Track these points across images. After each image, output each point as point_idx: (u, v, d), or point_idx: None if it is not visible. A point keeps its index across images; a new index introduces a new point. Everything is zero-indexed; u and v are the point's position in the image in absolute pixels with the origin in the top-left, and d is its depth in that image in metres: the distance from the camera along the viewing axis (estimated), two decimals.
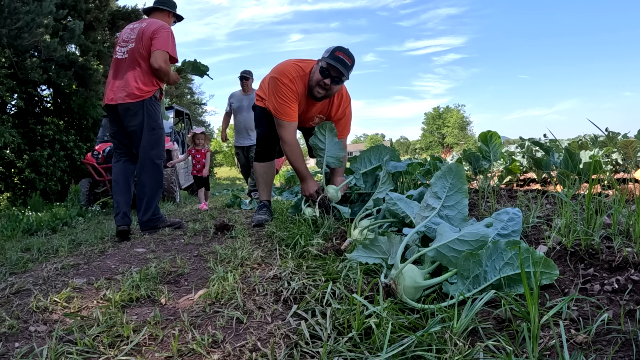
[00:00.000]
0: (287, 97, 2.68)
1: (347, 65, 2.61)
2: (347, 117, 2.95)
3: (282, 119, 2.72)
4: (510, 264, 1.16)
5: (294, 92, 2.69)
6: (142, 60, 2.94)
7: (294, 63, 2.77)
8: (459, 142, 56.13)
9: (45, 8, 7.85)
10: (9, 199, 9.04)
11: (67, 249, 2.64)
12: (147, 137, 2.98)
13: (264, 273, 1.63)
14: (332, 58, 2.59)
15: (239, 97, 5.87)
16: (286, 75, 2.69)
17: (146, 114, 2.96)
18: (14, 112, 9.62)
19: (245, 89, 5.81)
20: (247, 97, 5.78)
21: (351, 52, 2.67)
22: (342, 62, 2.58)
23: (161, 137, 3.06)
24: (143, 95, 2.93)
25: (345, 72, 2.61)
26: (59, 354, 1.07)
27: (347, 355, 0.93)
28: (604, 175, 2.95)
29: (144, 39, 2.91)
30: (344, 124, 2.95)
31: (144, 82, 2.94)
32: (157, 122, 3.02)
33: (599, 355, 0.85)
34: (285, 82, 2.67)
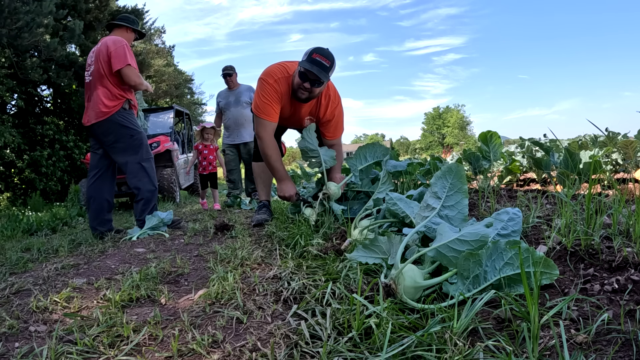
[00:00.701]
0: (270, 96, 2.72)
1: (324, 67, 2.56)
2: (337, 118, 2.92)
3: (263, 118, 2.76)
4: (510, 264, 1.16)
5: (277, 93, 2.72)
6: (103, 79, 3.05)
7: (280, 64, 2.79)
8: (459, 142, 56.13)
9: (45, 8, 7.85)
10: (9, 199, 9.04)
11: (67, 249, 2.64)
12: (128, 144, 3.08)
13: (264, 273, 1.63)
14: (309, 61, 2.56)
15: (225, 95, 5.62)
16: (271, 75, 2.73)
17: (118, 126, 3.06)
18: (14, 112, 9.62)
19: (230, 85, 5.56)
20: (233, 93, 5.55)
21: (329, 51, 2.62)
22: (319, 65, 2.54)
23: (141, 140, 3.12)
24: (110, 110, 3.04)
25: (324, 74, 2.56)
26: (59, 354, 1.07)
27: (347, 355, 0.93)
28: (604, 175, 2.95)
29: (101, 57, 3.03)
30: (334, 125, 2.93)
31: (109, 98, 3.04)
32: (132, 129, 3.10)
33: (599, 355, 0.85)
34: (270, 82, 2.71)
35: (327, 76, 2.60)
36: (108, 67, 3.01)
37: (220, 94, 5.69)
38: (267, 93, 2.72)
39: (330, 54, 2.61)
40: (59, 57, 8.96)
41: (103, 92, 3.03)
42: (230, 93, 5.55)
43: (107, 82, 3.03)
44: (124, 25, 3.23)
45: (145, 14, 13.43)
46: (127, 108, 3.11)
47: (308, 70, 2.55)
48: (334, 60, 2.62)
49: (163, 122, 7.76)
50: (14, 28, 7.46)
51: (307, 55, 2.58)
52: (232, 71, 5.52)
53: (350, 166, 2.84)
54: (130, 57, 3.04)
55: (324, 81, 2.62)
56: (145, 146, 3.15)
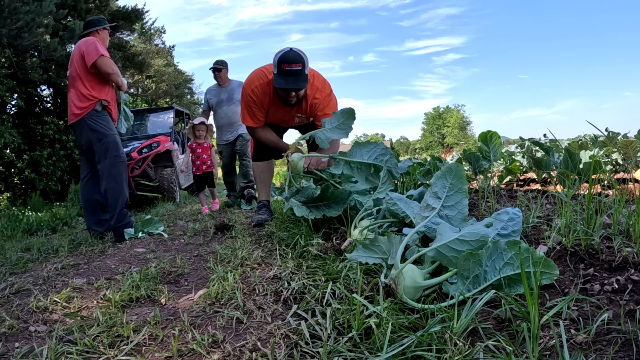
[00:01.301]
0: (250, 106, 2.80)
1: (297, 73, 2.49)
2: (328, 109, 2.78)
3: (250, 125, 2.91)
4: (510, 264, 1.16)
5: (255, 102, 2.78)
6: (75, 81, 3.07)
7: (260, 70, 2.80)
8: (459, 142, 56.11)
9: (45, 8, 7.85)
10: (9, 199, 9.04)
11: (67, 249, 2.64)
12: (97, 148, 3.07)
13: (264, 273, 1.63)
14: (280, 75, 2.50)
15: (216, 92, 5.18)
16: (249, 85, 2.78)
17: (88, 129, 3.05)
18: (14, 112, 9.62)
19: (219, 81, 5.13)
20: (224, 90, 5.14)
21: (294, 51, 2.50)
22: (291, 74, 2.48)
23: (108, 145, 3.05)
24: (81, 112, 3.04)
25: (300, 82, 2.51)
26: (59, 354, 1.07)
27: (347, 355, 0.93)
28: (604, 175, 2.95)
29: (74, 60, 3.06)
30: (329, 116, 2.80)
31: (80, 99, 3.04)
32: (100, 132, 3.05)
33: (599, 355, 0.85)
34: (248, 92, 2.77)
35: (304, 80, 2.55)
36: (81, 66, 3.02)
37: (210, 90, 5.25)
38: (246, 103, 2.82)
39: (297, 54, 2.50)
40: (59, 57, 8.95)
41: (74, 94, 3.05)
42: (222, 90, 5.16)
43: (79, 83, 3.04)
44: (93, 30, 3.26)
45: (145, 14, 13.42)
46: (99, 110, 3.07)
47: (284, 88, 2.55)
48: (303, 57, 2.52)
49: (163, 122, 7.76)
50: (14, 28, 7.46)
51: (276, 66, 2.51)
52: (222, 66, 5.08)
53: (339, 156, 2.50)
54: (102, 49, 3.03)
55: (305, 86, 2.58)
56: (113, 150, 3.07)
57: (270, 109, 2.83)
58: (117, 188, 3.07)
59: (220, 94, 5.16)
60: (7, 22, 7.34)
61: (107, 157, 3.05)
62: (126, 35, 14.46)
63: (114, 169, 3.06)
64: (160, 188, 6.47)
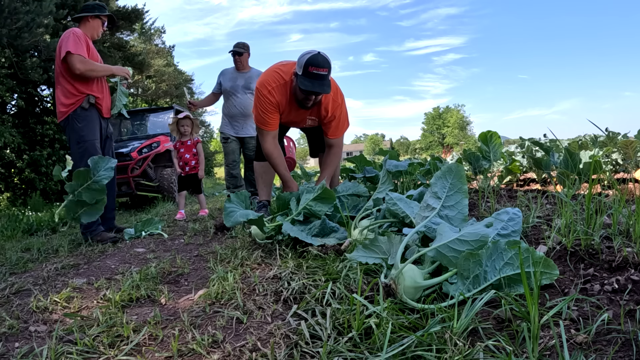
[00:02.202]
0: (266, 108, 2.73)
1: (323, 77, 2.51)
2: (339, 118, 2.88)
3: (262, 128, 2.79)
4: (510, 264, 1.16)
5: (273, 104, 2.72)
6: (59, 77, 2.93)
7: (274, 70, 2.76)
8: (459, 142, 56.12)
9: (45, 8, 7.85)
10: (9, 199, 9.04)
11: (67, 249, 2.64)
12: (73, 151, 2.94)
13: (264, 273, 1.63)
14: (306, 77, 2.49)
15: (232, 76, 4.53)
16: (265, 86, 2.71)
17: (70, 129, 2.92)
18: (14, 112, 9.62)
19: (239, 66, 4.53)
20: (242, 76, 4.51)
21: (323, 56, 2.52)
22: (317, 78, 2.49)
23: (86, 150, 2.90)
24: (67, 110, 2.91)
25: (325, 87, 2.53)
26: (59, 354, 1.07)
27: (347, 355, 0.93)
28: (604, 175, 2.95)
29: (57, 55, 2.90)
30: (336, 124, 2.89)
31: (65, 95, 2.90)
32: (81, 135, 2.90)
33: (599, 355, 0.85)
34: (264, 94, 2.70)
35: (329, 86, 2.57)
36: (59, 61, 2.87)
37: (226, 73, 4.60)
38: (262, 105, 2.72)
39: (325, 59, 2.53)
40: None
41: (60, 90, 2.91)
42: (239, 75, 4.53)
43: (62, 79, 2.90)
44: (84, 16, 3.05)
45: (145, 14, 13.42)
46: (86, 107, 2.91)
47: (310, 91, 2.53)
48: (330, 63, 2.57)
49: (163, 122, 7.76)
50: (14, 28, 7.46)
51: (303, 68, 2.50)
52: (243, 50, 4.51)
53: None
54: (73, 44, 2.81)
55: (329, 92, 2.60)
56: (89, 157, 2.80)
57: (285, 111, 2.80)
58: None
59: (237, 79, 4.53)
60: (7, 22, 7.34)
61: (82, 163, 2.87)
62: (126, 35, 14.45)
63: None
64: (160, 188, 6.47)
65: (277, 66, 2.80)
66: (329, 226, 2.14)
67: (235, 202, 2.25)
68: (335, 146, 2.96)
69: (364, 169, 3.64)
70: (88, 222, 2.83)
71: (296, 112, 2.83)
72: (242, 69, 4.55)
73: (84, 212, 2.79)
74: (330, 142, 2.94)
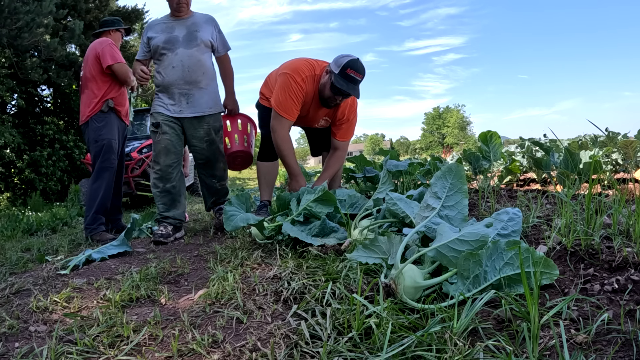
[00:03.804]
0: (295, 95, 2.63)
1: (357, 82, 2.55)
2: (351, 122, 2.91)
3: (282, 115, 2.64)
4: (510, 264, 1.16)
5: (303, 92, 2.65)
6: (88, 82, 3.06)
7: (306, 61, 2.73)
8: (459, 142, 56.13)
9: (45, 8, 7.85)
10: (9, 199, 9.04)
11: (67, 249, 2.64)
12: (92, 149, 3.06)
13: (264, 273, 1.63)
14: (343, 77, 2.50)
15: (164, 27, 2.94)
16: (299, 73, 2.64)
17: (90, 130, 3.04)
18: (14, 112, 9.62)
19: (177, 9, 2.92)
20: (182, 24, 2.94)
21: (361, 62, 2.58)
22: (353, 81, 2.52)
23: (104, 147, 3.00)
24: (90, 114, 3.03)
25: (356, 92, 2.56)
26: (59, 354, 1.07)
27: (347, 355, 0.93)
28: (604, 175, 2.95)
29: (89, 62, 3.06)
30: (347, 127, 2.90)
31: (90, 101, 3.04)
32: (100, 134, 3.02)
33: (599, 355, 0.85)
34: (298, 80, 2.62)
35: (359, 92, 2.59)
36: (96, 68, 3.03)
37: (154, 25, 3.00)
38: (292, 91, 2.62)
39: (363, 66, 2.57)
40: (59, 57, 8.95)
41: (87, 97, 3.06)
42: (177, 24, 2.93)
43: (93, 85, 3.04)
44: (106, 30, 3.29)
45: (145, 14, 13.41)
46: (105, 110, 3.05)
47: (343, 91, 2.53)
48: (365, 71, 2.60)
49: None
50: (14, 28, 7.46)
51: (340, 68, 2.50)
52: None
53: None
54: (118, 55, 3.04)
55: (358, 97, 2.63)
56: (106, 154, 3.01)
57: (307, 104, 2.76)
58: (97, 191, 3.01)
59: (174, 29, 2.92)
60: (7, 22, 7.34)
61: (99, 159, 3.01)
62: (126, 36, 14.46)
63: (100, 173, 3.02)
64: None
65: (304, 59, 2.78)
66: (329, 226, 2.14)
67: (236, 204, 2.24)
68: (340, 149, 2.95)
69: (364, 169, 3.65)
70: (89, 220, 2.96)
71: (315, 109, 2.80)
72: (183, 14, 2.95)
73: None
74: (338, 144, 2.92)
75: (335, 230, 2.13)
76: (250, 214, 2.20)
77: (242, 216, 2.12)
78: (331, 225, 2.14)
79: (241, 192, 2.63)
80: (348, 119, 2.87)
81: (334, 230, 2.13)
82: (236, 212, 2.17)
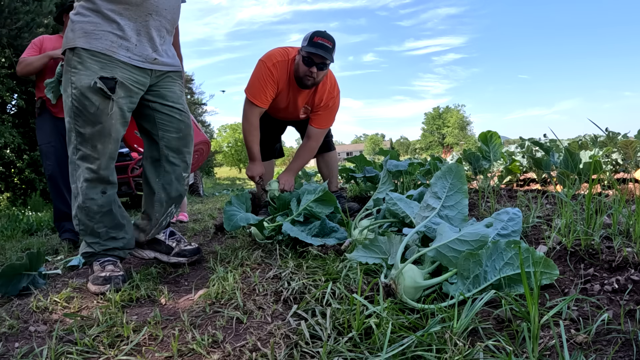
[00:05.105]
0: (264, 81, 2.66)
1: (328, 49, 2.56)
2: (330, 109, 2.85)
3: (251, 100, 2.69)
4: (510, 264, 1.16)
5: (274, 78, 2.67)
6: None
7: (282, 48, 2.77)
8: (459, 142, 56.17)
9: (45, 8, 7.85)
10: (9, 199, 9.04)
11: (67, 249, 2.64)
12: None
13: (264, 273, 1.63)
14: (311, 45, 2.54)
15: None
16: (270, 59, 2.68)
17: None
18: (14, 112, 9.62)
19: None
20: None
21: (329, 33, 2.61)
22: (322, 47, 2.54)
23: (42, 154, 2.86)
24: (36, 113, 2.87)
25: (328, 55, 2.56)
26: (59, 354, 1.07)
27: (347, 355, 0.93)
28: (604, 175, 2.95)
29: None
30: (325, 115, 2.85)
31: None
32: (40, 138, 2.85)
33: (599, 355, 0.85)
34: (269, 66, 2.66)
35: (332, 57, 2.60)
36: None
37: None
38: (262, 77, 2.66)
39: (331, 35, 2.61)
40: None
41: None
42: None
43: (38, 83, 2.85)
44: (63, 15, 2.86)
45: None
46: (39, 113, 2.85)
47: (313, 54, 2.53)
48: (335, 42, 2.62)
49: None
50: (14, 28, 7.46)
51: (308, 40, 2.56)
52: None
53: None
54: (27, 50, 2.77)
55: (329, 63, 2.62)
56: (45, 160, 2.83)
57: (283, 91, 2.76)
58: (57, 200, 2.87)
59: None
60: (7, 22, 7.35)
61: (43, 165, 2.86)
62: None
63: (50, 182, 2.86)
64: None
65: (282, 47, 2.80)
66: (329, 226, 2.14)
67: (236, 204, 2.24)
68: (313, 139, 2.87)
69: (364, 169, 3.65)
70: None
71: (294, 95, 2.79)
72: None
73: None
74: (311, 132, 2.85)
75: (335, 230, 2.13)
76: (250, 214, 2.20)
77: (242, 216, 2.12)
78: (331, 225, 2.14)
79: (241, 192, 2.61)
80: (327, 105, 2.83)
81: (334, 230, 2.13)
82: (236, 212, 2.17)
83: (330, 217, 2.36)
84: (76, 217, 1.73)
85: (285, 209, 2.47)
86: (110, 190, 1.73)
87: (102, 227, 1.72)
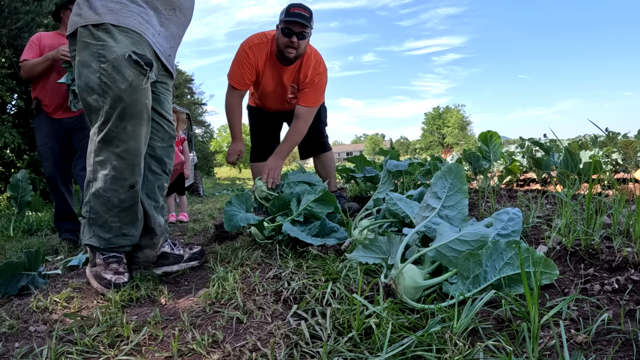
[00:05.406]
0: (241, 64, 2.70)
1: (305, 17, 2.58)
2: (316, 86, 2.80)
3: (231, 83, 2.77)
4: (510, 264, 1.16)
5: (251, 60, 2.70)
6: None
7: (260, 33, 2.79)
8: (459, 142, 56.19)
9: (45, 8, 7.85)
10: (9, 199, 9.03)
11: (67, 249, 2.64)
12: None
13: (264, 273, 1.63)
14: (288, 16, 2.57)
15: None
16: (248, 43, 2.72)
17: None
18: (14, 112, 9.62)
19: None
20: None
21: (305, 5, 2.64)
22: (300, 16, 2.56)
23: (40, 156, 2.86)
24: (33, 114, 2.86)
25: (307, 22, 2.58)
26: (59, 354, 1.07)
27: (347, 355, 0.93)
28: (604, 175, 2.95)
29: None
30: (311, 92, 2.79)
31: None
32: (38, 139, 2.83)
33: (599, 355, 0.85)
34: (245, 49, 2.70)
35: (309, 24, 2.60)
36: None
37: None
38: (239, 61, 2.71)
39: (306, 6, 2.62)
40: None
41: None
42: None
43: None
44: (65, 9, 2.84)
45: None
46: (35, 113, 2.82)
47: (291, 23, 2.54)
48: (311, 11, 2.64)
49: None
50: (14, 28, 7.46)
51: (285, 12, 2.59)
52: None
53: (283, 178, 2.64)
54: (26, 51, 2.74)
55: (309, 29, 2.61)
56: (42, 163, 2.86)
57: (267, 73, 2.76)
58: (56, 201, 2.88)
59: None
60: (7, 22, 7.35)
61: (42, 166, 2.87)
62: None
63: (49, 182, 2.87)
64: None
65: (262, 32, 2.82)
66: (329, 226, 2.14)
67: (236, 204, 2.24)
68: (301, 119, 2.77)
69: (364, 169, 3.65)
70: None
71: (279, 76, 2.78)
72: None
73: None
74: (299, 111, 2.77)
75: (335, 230, 2.13)
76: (250, 214, 2.20)
77: (242, 216, 2.12)
78: (331, 225, 2.14)
79: (241, 192, 2.60)
80: (313, 81, 2.79)
81: (334, 230, 2.13)
82: (236, 212, 2.17)
83: (330, 217, 2.36)
84: (88, 203, 1.57)
85: (285, 209, 2.47)
86: (138, 185, 1.58)
87: (117, 222, 1.59)
